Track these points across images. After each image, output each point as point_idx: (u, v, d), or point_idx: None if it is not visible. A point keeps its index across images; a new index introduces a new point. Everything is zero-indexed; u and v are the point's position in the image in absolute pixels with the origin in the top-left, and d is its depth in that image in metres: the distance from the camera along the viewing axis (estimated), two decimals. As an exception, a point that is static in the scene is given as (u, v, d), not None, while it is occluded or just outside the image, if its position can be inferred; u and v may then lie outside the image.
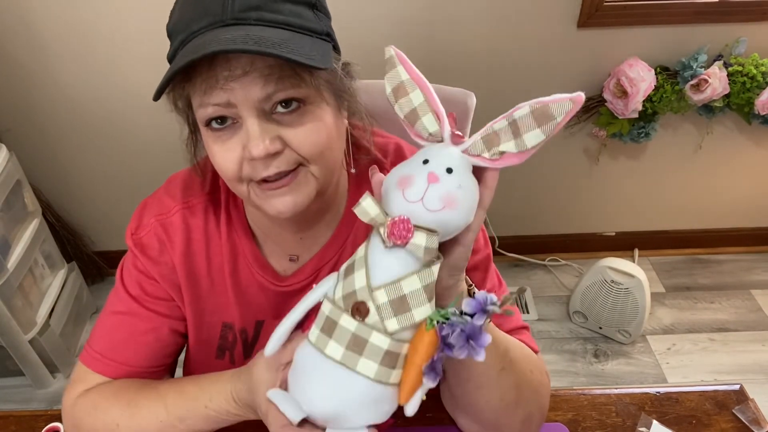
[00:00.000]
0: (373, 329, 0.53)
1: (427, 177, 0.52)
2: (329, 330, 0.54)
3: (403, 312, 0.53)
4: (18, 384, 1.89)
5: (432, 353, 0.54)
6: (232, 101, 0.59)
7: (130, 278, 0.78)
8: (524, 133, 0.54)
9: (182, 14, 0.62)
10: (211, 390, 0.70)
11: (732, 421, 0.84)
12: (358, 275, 0.54)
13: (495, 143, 0.55)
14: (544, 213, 2.22)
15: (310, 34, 0.62)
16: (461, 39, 1.76)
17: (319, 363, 0.55)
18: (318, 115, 0.63)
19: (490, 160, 0.55)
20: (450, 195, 0.52)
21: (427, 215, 0.52)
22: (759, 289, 2.16)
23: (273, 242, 0.78)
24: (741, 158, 2.06)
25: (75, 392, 0.77)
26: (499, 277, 0.82)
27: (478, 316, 0.53)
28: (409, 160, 0.56)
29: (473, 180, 0.55)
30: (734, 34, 1.76)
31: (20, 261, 1.69)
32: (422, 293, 0.54)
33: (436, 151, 0.55)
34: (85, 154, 1.98)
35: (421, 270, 0.54)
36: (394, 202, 0.53)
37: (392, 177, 0.55)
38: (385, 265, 0.54)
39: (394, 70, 0.58)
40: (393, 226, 0.52)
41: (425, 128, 0.56)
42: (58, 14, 1.68)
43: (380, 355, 0.53)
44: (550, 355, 1.96)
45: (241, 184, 0.65)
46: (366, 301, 0.53)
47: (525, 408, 0.73)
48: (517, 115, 0.54)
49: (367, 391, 0.54)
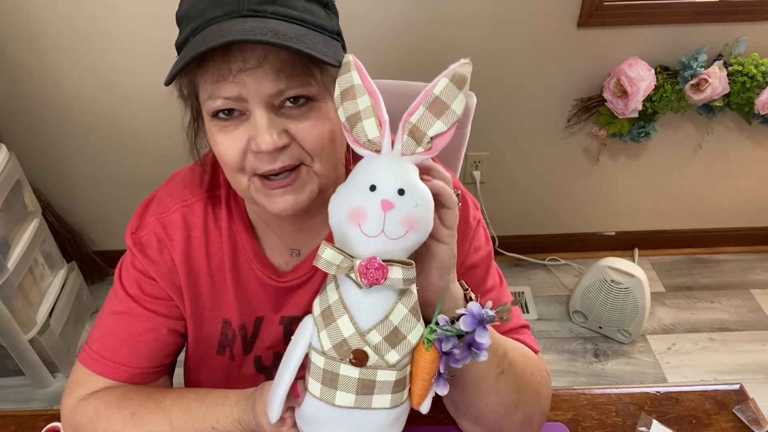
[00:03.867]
0: (376, 369, 0.53)
1: (381, 206, 0.50)
2: (331, 382, 0.53)
3: (399, 342, 0.53)
4: (18, 384, 1.89)
5: (437, 366, 0.55)
6: (243, 95, 0.60)
7: (129, 278, 0.78)
8: (451, 103, 0.52)
9: (196, 1, 0.61)
10: (218, 412, 0.70)
11: (732, 421, 0.84)
12: (342, 323, 0.52)
13: (421, 135, 0.53)
14: (544, 213, 2.22)
15: (322, 32, 0.62)
16: (461, 39, 1.76)
17: (332, 412, 0.54)
18: (324, 111, 0.63)
19: (425, 151, 0.53)
20: (410, 218, 0.51)
21: (393, 245, 0.51)
22: (759, 289, 2.16)
23: (274, 234, 0.78)
24: (741, 158, 2.06)
25: (75, 395, 0.77)
26: (500, 275, 0.81)
27: (479, 333, 0.52)
28: (351, 183, 0.53)
29: (422, 186, 0.53)
30: (734, 33, 1.76)
31: (20, 261, 1.69)
32: (411, 317, 0.53)
33: (380, 171, 0.52)
34: (85, 154, 1.98)
35: (402, 295, 0.53)
36: (355, 240, 0.51)
37: (340, 210, 0.52)
38: (367, 307, 0.52)
39: (348, 74, 0.55)
40: (366, 270, 0.50)
41: (364, 133, 0.54)
42: (58, 14, 1.68)
43: (390, 387, 0.54)
44: (550, 354, 1.96)
45: (242, 176, 0.65)
46: (361, 347, 0.52)
47: (525, 410, 0.73)
48: (437, 91, 0.53)
49: (387, 418, 0.55)
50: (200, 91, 0.63)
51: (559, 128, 1.98)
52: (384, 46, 1.77)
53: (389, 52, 1.78)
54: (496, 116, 1.92)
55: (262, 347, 0.81)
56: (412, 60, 1.79)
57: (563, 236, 2.28)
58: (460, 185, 0.80)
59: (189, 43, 0.60)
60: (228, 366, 0.82)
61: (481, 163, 2.05)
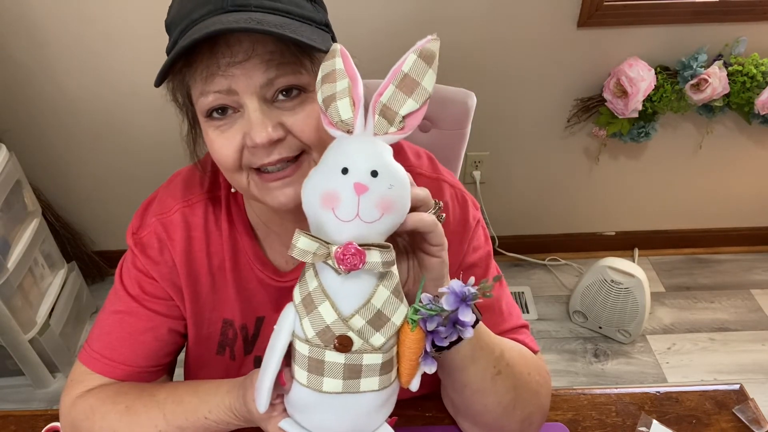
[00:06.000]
0: (362, 353, 0.52)
1: (354, 189, 0.49)
2: (317, 369, 0.53)
3: (383, 324, 0.52)
4: (18, 384, 1.89)
5: (422, 345, 0.54)
6: (234, 88, 0.60)
7: (130, 278, 0.78)
8: (421, 80, 0.51)
9: (182, 6, 0.62)
10: (210, 402, 0.70)
11: (732, 421, 0.84)
12: (323, 309, 0.52)
13: (392, 115, 0.52)
14: (544, 213, 2.22)
15: (309, 23, 0.62)
16: (461, 39, 1.76)
17: (321, 398, 0.54)
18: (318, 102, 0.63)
19: (398, 131, 0.52)
20: (384, 200, 0.49)
21: (368, 228, 0.50)
22: (759, 289, 2.16)
23: (275, 234, 0.78)
24: (741, 158, 2.06)
25: (73, 393, 0.77)
26: (500, 275, 0.81)
27: (462, 310, 0.51)
28: (323, 166, 0.52)
29: (396, 165, 0.52)
30: (734, 33, 1.76)
31: (20, 261, 1.69)
32: (393, 299, 0.53)
33: (352, 152, 0.50)
34: (85, 154, 1.98)
35: (383, 278, 0.52)
36: (329, 225, 0.50)
37: (312, 195, 0.51)
38: (348, 292, 0.51)
39: (332, 60, 0.54)
40: (342, 256, 0.49)
41: (338, 113, 0.52)
42: (58, 14, 1.68)
43: (378, 369, 0.53)
44: (550, 354, 1.96)
45: (241, 174, 0.65)
46: (345, 333, 0.51)
47: (524, 409, 0.73)
48: (405, 68, 0.51)
49: (376, 400, 0.55)
50: (192, 92, 0.63)
51: (559, 128, 1.98)
52: (383, 46, 1.77)
53: (388, 52, 1.77)
54: (496, 116, 1.92)
55: (262, 347, 0.81)
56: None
57: (563, 236, 2.28)
58: (459, 185, 0.80)
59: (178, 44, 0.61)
60: (228, 366, 0.82)
61: (481, 163, 2.05)
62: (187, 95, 0.65)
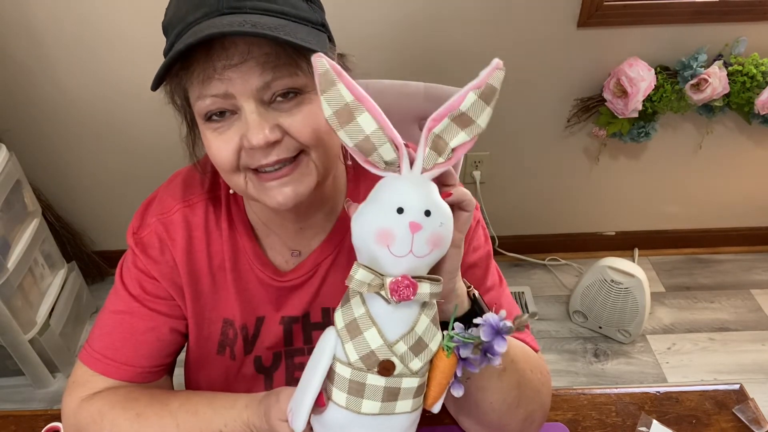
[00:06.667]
0: (402, 377, 0.55)
1: (409, 228, 0.52)
2: (358, 391, 0.55)
3: (422, 350, 0.55)
4: (18, 384, 1.89)
5: (454, 371, 0.57)
6: (230, 92, 0.60)
7: (130, 277, 0.78)
8: (477, 118, 0.55)
9: (178, 9, 0.62)
10: (226, 415, 0.70)
11: (732, 421, 0.84)
12: (369, 335, 0.54)
13: (443, 145, 0.54)
14: (544, 213, 2.22)
15: (305, 24, 0.62)
16: (461, 39, 1.76)
17: (357, 419, 0.56)
18: (315, 102, 0.62)
19: (446, 162, 0.55)
20: (435, 237, 0.53)
21: (420, 262, 0.53)
22: (759, 289, 2.16)
23: (274, 235, 0.78)
24: (741, 158, 2.06)
25: (77, 395, 0.77)
26: (500, 274, 0.82)
27: (497, 342, 0.54)
28: (376, 204, 0.54)
29: (444, 205, 0.55)
30: (734, 33, 1.76)
31: (20, 261, 1.69)
32: (432, 326, 0.56)
33: (405, 192, 0.53)
34: (85, 154, 1.98)
35: (425, 307, 0.55)
36: (383, 259, 0.53)
37: (367, 230, 0.53)
38: (396, 320, 0.54)
39: (334, 89, 0.51)
40: (397, 288, 0.52)
41: (381, 159, 0.54)
42: (58, 14, 1.68)
43: (413, 392, 0.56)
44: (550, 354, 1.96)
45: (238, 175, 0.65)
46: (389, 358, 0.54)
47: (527, 407, 0.73)
48: (464, 107, 0.54)
49: (407, 421, 0.57)
50: (190, 95, 0.63)
51: (559, 128, 1.98)
52: (384, 46, 1.77)
53: (389, 52, 1.78)
54: (496, 116, 1.89)
55: (262, 347, 0.81)
56: (412, 60, 1.79)
57: (563, 236, 2.28)
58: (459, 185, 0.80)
59: (174, 47, 0.61)
60: (228, 366, 0.82)
61: (481, 163, 2.05)
62: (185, 98, 0.65)
